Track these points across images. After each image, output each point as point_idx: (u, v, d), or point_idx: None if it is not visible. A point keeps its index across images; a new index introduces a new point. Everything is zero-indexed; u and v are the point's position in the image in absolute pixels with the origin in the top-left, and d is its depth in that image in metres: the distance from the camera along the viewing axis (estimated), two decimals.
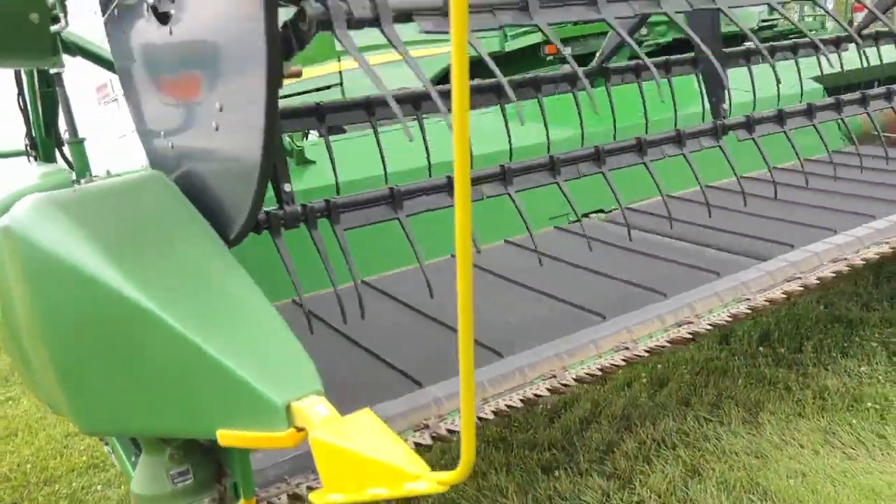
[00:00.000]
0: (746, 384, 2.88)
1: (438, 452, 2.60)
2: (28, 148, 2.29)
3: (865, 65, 2.78)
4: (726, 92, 2.20)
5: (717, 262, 2.51)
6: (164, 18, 1.29)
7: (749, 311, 2.27)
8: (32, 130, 2.24)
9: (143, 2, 1.32)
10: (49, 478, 3.28)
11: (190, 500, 1.39)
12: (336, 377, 1.64)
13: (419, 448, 1.66)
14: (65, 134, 2.27)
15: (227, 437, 1.02)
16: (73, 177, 1.77)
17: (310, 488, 1.62)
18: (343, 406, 0.97)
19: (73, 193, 1.37)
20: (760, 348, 3.23)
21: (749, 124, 2.44)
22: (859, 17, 4.37)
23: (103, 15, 1.62)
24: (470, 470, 0.71)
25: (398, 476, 0.77)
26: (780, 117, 2.54)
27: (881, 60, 3.09)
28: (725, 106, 2.20)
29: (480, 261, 2.53)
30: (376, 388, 1.85)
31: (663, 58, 2.50)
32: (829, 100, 2.62)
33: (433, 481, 0.75)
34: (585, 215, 3.17)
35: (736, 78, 2.55)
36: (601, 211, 3.22)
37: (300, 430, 0.94)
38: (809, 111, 2.61)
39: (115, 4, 1.47)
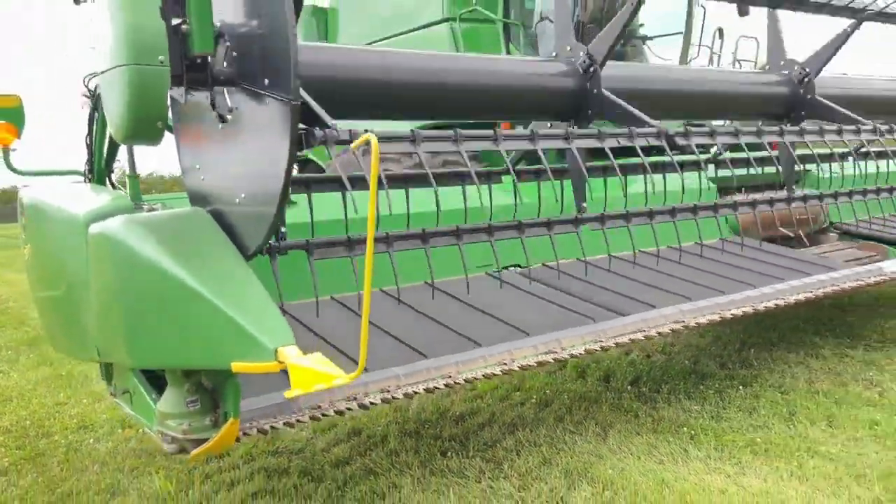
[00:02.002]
0: (609, 410, 3.73)
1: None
2: (86, 172, 3.09)
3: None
4: (586, 194, 3.08)
5: (589, 311, 3.36)
6: (222, 119, 2.12)
7: (599, 349, 3.13)
8: (93, 161, 3.04)
9: (208, 103, 2.15)
10: (46, 432, 3.98)
11: (196, 417, 2.18)
12: None
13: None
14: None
15: (239, 366, 1.83)
16: (130, 200, 2.57)
17: (273, 427, 2.43)
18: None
19: (148, 216, 2.19)
20: (629, 387, 4.10)
21: (601, 219, 3.33)
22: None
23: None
24: (362, 370, 1.55)
25: (329, 377, 1.59)
26: (627, 217, 3.44)
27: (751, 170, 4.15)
28: (585, 204, 3.08)
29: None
30: None
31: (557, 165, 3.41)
32: (666, 207, 3.49)
33: (346, 378, 1.57)
34: (506, 267, 4.02)
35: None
36: (517, 265, 4.07)
37: (280, 363, 1.75)
38: (650, 214, 3.50)
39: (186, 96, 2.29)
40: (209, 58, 1.98)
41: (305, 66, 2.16)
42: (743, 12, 6.87)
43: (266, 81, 1.87)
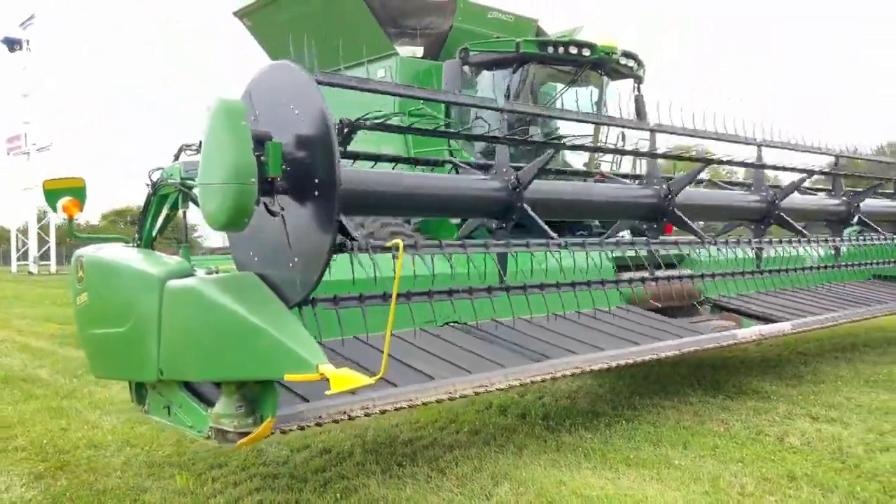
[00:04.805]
0: (524, 437, 4.83)
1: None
2: (136, 239, 4.04)
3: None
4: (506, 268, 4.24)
5: (507, 356, 4.46)
6: (272, 213, 3.17)
7: (519, 386, 4.23)
8: (143, 231, 4.01)
9: (262, 202, 3.18)
10: (60, 450, 4.75)
11: (243, 417, 3.12)
12: None
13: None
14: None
15: (290, 377, 2.82)
16: (188, 263, 3.54)
17: (289, 430, 3.39)
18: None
19: (217, 277, 3.19)
20: (541, 421, 5.21)
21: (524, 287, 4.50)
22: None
23: None
24: (384, 375, 2.60)
25: (357, 381, 2.62)
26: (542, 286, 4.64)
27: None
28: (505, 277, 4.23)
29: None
30: None
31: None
32: (567, 282, 4.70)
33: (371, 380, 2.60)
34: (446, 323, 5.10)
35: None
36: (456, 322, 5.16)
37: (321, 374, 2.75)
38: (573, 284, 4.71)
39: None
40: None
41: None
42: (642, 116, 8.41)
43: (316, 193, 2.95)
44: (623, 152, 6.70)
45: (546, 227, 3.77)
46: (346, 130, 3.23)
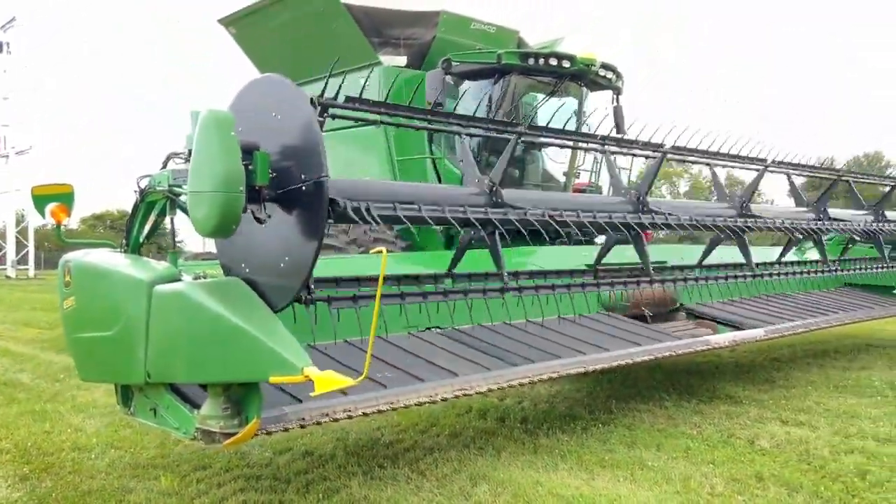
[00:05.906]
0: (503, 439, 4.94)
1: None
2: (123, 245, 4.12)
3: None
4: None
5: (488, 360, 4.58)
6: (259, 221, 3.27)
7: (498, 389, 4.35)
8: (130, 236, 4.09)
9: (250, 210, 3.28)
10: (45, 452, 4.80)
11: (228, 419, 3.21)
12: None
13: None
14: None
15: (275, 378, 2.92)
16: (175, 268, 3.63)
17: (274, 431, 3.48)
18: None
19: (204, 282, 3.28)
20: (519, 424, 5.33)
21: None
22: None
23: None
24: (366, 377, 2.70)
25: (340, 382, 2.72)
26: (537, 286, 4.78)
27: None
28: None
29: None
30: None
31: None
32: (547, 283, 4.84)
33: (353, 382, 2.71)
34: (428, 328, 5.21)
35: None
36: (438, 327, 5.27)
37: (306, 376, 2.85)
38: (552, 287, 4.85)
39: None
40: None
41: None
42: (620, 131, 8.59)
43: (303, 202, 3.05)
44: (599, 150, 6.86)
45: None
46: (318, 109, 3.32)
